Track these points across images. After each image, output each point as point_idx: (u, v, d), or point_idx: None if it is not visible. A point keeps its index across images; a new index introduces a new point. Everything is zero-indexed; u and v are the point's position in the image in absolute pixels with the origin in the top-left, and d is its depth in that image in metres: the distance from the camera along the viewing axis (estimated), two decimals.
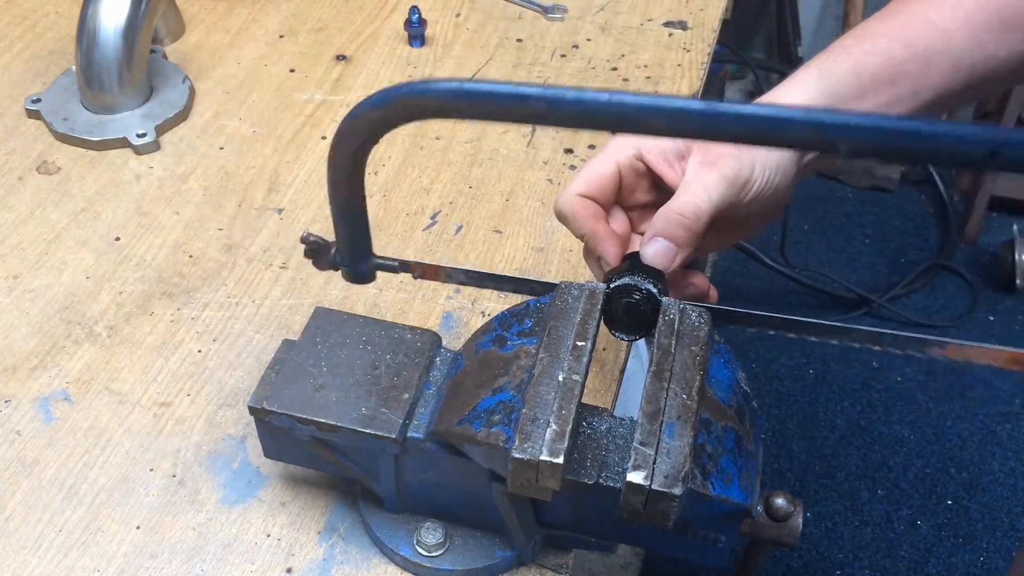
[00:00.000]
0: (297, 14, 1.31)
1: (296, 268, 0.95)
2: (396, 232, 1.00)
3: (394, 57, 1.24)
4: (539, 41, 1.26)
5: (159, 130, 1.10)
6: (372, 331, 0.70)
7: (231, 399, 0.83)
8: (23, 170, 1.06)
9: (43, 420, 0.82)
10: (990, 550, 2.02)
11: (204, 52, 1.24)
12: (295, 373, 0.67)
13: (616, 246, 0.70)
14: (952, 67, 0.74)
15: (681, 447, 0.56)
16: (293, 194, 1.04)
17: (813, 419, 2.24)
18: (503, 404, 0.60)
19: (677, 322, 0.63)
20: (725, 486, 0.58)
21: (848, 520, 2.05)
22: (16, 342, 0.88)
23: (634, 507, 0.56)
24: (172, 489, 0.77)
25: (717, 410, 0.61)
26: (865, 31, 0.76)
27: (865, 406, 2.27)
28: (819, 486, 2.11)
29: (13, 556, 0.72)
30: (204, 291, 0.93)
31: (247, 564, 0.72)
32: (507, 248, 0.98)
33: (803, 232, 2.70)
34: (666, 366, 0.61)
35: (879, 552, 2.01)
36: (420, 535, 0.70)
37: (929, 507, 2.08)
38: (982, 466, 2.15)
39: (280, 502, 0.76)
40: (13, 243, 0.98)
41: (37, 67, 1.21)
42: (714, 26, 1.28)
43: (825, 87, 0.73)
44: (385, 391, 0.66)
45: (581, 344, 0.61)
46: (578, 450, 0.60)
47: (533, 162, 1.08)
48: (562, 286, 0.65)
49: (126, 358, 0.87)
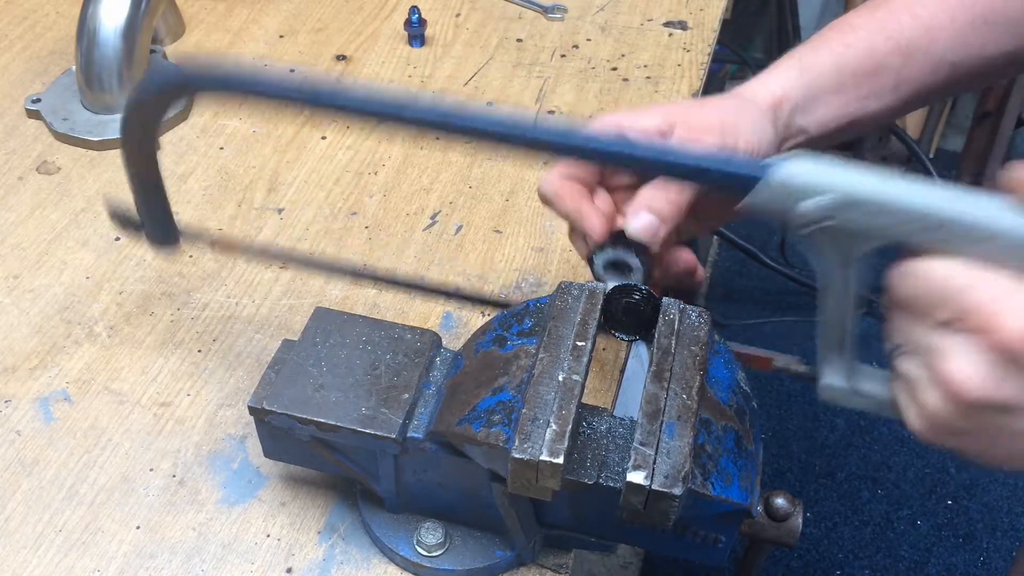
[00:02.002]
0: (297, 14, 1.31)
1: (296, 268, 0.95)
2: (396, 232, 1.00)
3: (394, 57, 1.24)
4: (539, 41, 1.26)
5: (159, 130, 1.10)
6: (372, 331, 0.70)
7: (231, 399, 0.83)
8: (23, 170, 1.06)
9: (43, 420, 0.82)
10: (990, 550, 2.02)
11: (204, 52, 1.24)
12: (295, 373, 0.67)
13: (601, 222, 0.68)
14: (934, 64, 0.74)
15: (681, 447, 0.56)
16: (293, 194, 1.04)
17: (813, 419, 2.24)
18: (503, 404, 0.60)
19: (677, 322, 0.63)
20: (725, 486, 0.58)
21: (848, 520, 2.05)
22: (16, 342, 0.88)
23: (634, 507, 0.56)
24: (172, 489, 0.77)
25: (717, 410, 0.61)
26: (847, 23, 0.76)
27: None
28: (819, 486, 2.11)
29: (13, 556, 0.72)
30: (204, 291, 0.93)
31: (247, 564, 0.72)
32: (507, 248, 0.98)
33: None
34: (666, 366, 0.61)
35: (879, 552, 2.01)
36: (420, 535, 0.70)
37: (929, 507, 2.08)
38: (982, 466, 2.15)
39: (280, 502, 0.76)
40: (13, 243, 0.98)
41: (37, 67, 1.21)
42: (714, 26, 1.28)
43: (806, 79, 0.73)
44: (385, 391, 0.66)
45: (581, 344, 0.61)
46: (578, 450, 0.60)
47: (533, 162, 1.08)
48: (562, 286, 0.65)
49: (126, 358, 0.87)
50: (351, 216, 1.01)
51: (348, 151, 1.09)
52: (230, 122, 1.13)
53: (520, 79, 1.20)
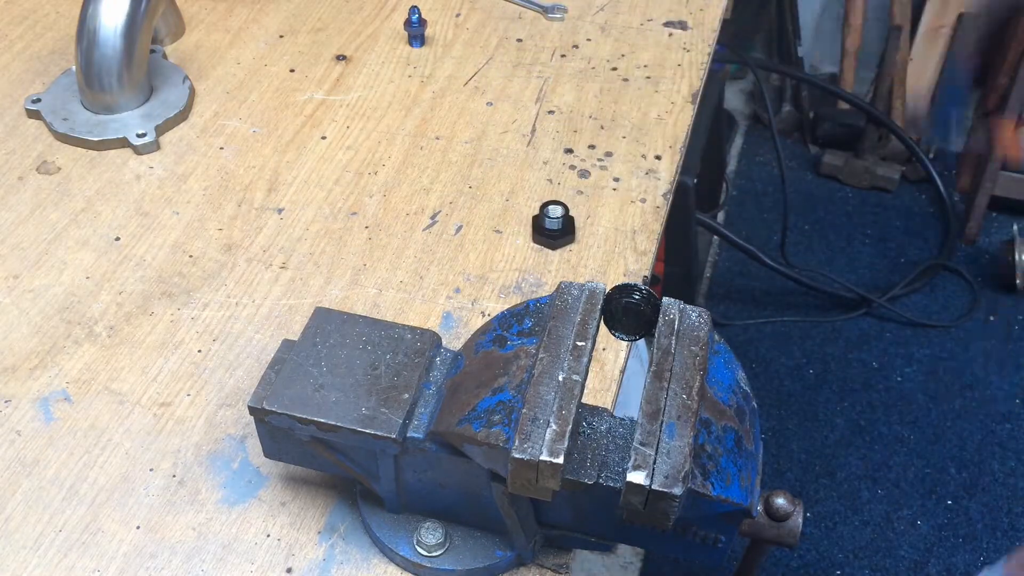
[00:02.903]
0: (297, 14, 1.31)
1: (296, 268, 0.95)
2: (396, 232, 1.00)
3: (394, 57, 1.24)
4: (539, 41, 1.26)
5: (159, 130, 1.10)
6: (372, 331, 0.70)
7: (231, 399, 0.83)
8: (23, 170, 1.06)
9: (43, 420, 0.82)
10: (990, 550, 2.02)
11: (204, 52, 1.24)
12: (295, 373, 0.67)
13: None
14: None
15: (681, 447, 0.56)
16: (293, 194, 1.04)
17: (813, 419, 2.24)
18: (503, 404, 0.60)
19: (677, 322, 0.63)
20: (725, 486, 0.58)
21: (848, 520, 2.05)
22: (16, 342, 0.88)
23: (634, 507, 0.56)
24: (172, 489, 0.77)
25: (717, 410, 0.61)
26: None
27: (865, 406, 2.27)
28: (819, 486, 2.11)
29: (13, 556, 0.72)
30: (204, 291, 0.93)
31: (247, 564, 0.72)
32: (507, 248, 0.98)
33: (803, 232, 2.70)
34: (666, 366, 0.61)
35: (879, 552, 2.01)
36: (420, 535, 0.70)
37: (929, 507, 2.08)
38: (982, 466, 2.15)
39: (280, 502, 0.76)
40: (13, 243, 0.98)
41: (37, 67, 1.21)
42: (714, 26, 1.28)
43: None
44: (385, 391, 0.66)
45: (581, 344, 0.61)
46: (578, 450, 0.60)
47: (533, 162, 1.08)
48: (562, 286, 0.65)
49: (126, 358, 0.87)
50: (351, 216, 1.01)
51: (348, 151, 1.09)
52: (230, 122, 1.14)
53: (520, 79, 1.20)
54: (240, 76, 1.20)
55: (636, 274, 0.95)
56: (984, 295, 2.51)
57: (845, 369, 2.35)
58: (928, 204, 2.78)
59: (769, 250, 2.46)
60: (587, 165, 1.07)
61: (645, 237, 0.99)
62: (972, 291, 2.52)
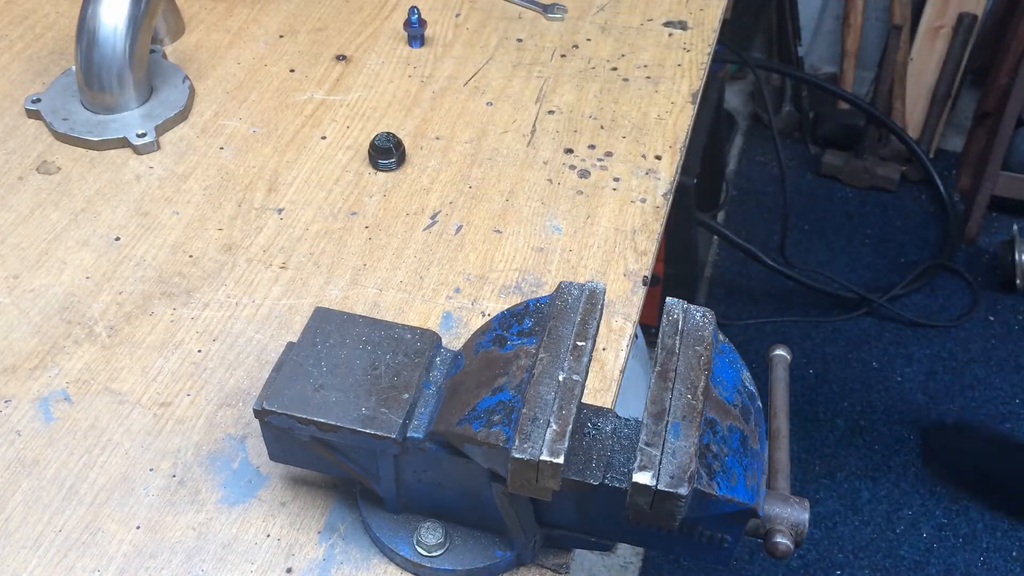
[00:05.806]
0: (297, 14, 1.31)
1: (296, 268, 0.95)
2: (396, 232, 0.99)
3: (394, 57, 1.23)
4: (539, 41, 1.26)
5: (159, 130, 1.10)
6: (372, 331, 0.70)
7: (231, 399, 0.83)
8: (23, 170, 1.06)
9: (43, 420, 0.82)
10: (990, 550, 2.01)
11: (204, 52, 1.24)
12: (295, 373, 0.67)
13: None
14: None
15: (687, 447, 0.56)
16: (293, 194, 1.04)
17: (813, 419, 2.24)
18: (503, 404, 0.60)
19: (681, 322, 0.63)
20: (731, 486, 0.58)
21: (848, 520, 2.05)
22: (16, 342, 0.88)
23: (640, 507, 0.56)
24: (172, 489, 0.77)
25: (722, 410, 0.61)
26: None
27: (865, 406, 2.27)
28: (819, 486, 2.11)
29: (13, 556, 0.72)
30: (204, 291, 0.93)
31: (247, 564, 0.72)
32: (507, 248, 0.98)
33: (803, 232, 2.70)
34: (670, 366, 0.60)
35: (879, 552, 2.01)
36: (420, 535, 0.70)
37: (929, 507, 2.08)
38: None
39: (280, 502, 0.76)
40: (13, 243, 0.98)
41: (37, 67, 1.20)
42: (714, 26, 1.28)
43: None
44: (385, 391, 0.66)
45: (581, 344, 0.61)
46: (583, 451, 0.60)
47: (533, 162, 1.08)
48: (562, 286, 0.65)
49: (126, 358, 0.87)
50: (351, 216, 1.01)
51: (348, 151, 1.09)
52: (230, 122, 1.13)
53: (520, 79, 1.20)
54: (240, 76, 1.20)
55: (636, 274, 0.95)
56: (984, 295, 2.51)
57: (845, 369, 2.35)
58: (928, 204, 2.78)
59: (769, 250, 2.46)
60: (587, 165, 1.07)
61: (645, 237, 0.99)
62: (972, 291, 2.53)
